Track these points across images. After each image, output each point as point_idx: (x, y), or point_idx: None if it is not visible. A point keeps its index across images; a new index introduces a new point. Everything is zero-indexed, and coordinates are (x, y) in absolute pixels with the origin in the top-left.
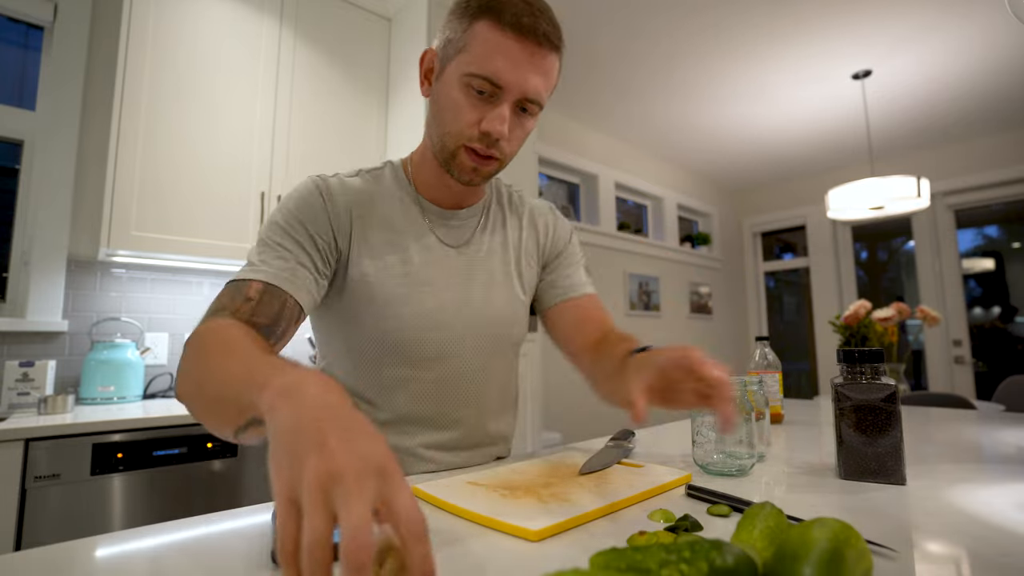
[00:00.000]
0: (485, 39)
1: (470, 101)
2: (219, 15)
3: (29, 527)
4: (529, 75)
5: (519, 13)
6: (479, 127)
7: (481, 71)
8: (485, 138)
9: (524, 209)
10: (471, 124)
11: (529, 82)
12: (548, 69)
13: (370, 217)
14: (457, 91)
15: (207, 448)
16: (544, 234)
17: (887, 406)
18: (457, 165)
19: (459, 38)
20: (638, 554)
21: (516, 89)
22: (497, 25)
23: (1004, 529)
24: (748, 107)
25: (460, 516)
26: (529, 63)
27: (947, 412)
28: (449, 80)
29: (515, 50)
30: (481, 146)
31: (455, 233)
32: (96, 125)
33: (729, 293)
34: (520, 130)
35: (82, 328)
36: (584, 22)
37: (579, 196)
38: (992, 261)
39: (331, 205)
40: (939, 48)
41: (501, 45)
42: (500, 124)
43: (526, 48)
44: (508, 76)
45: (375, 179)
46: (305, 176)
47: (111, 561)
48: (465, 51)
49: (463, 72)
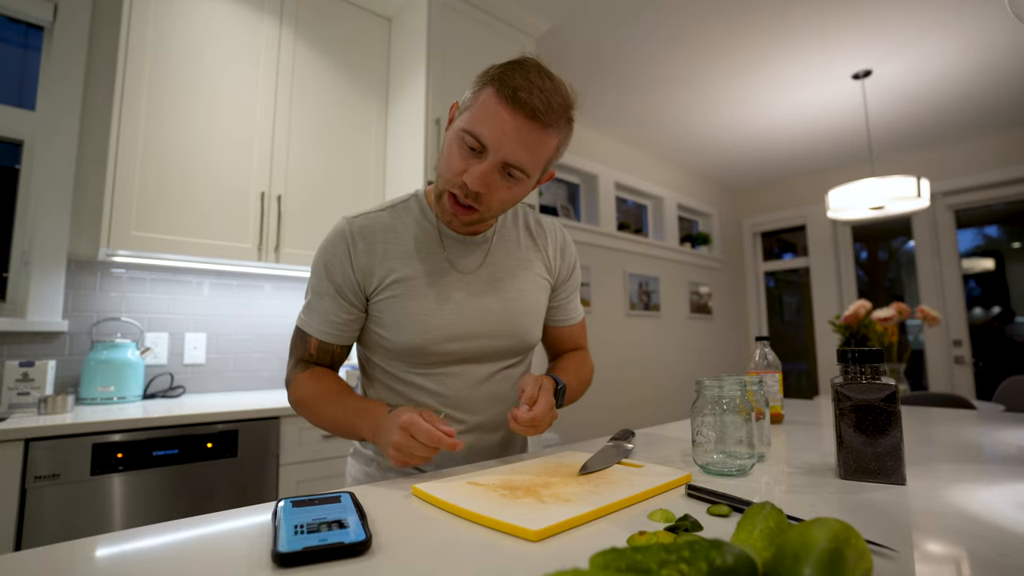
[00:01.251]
0: (484, 103)
1: (461, 153)
2: (219, 15)
3: (29, 527)
4: (512, 144)
5: (518, 87)
6: (460, 176)
7: (471, 129)
8: (464, 188)
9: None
10: (457, 173)
11: (511, 149)
12: (534, 143)
13: (395, 246)
14: (454, 142)
15: (207, 448)
16: (556, 257)
17: (887, 406)
18: (441, 207)
19: (470, 98)
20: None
21: (498, 153)
22: (497, 94)
23: (1004, 529)
24: (748, 107)
25: (460, 516)
26: (515, 133)
27: (947, 412)
28: (452, 132)
29: (504, 119)
30: (460, 194)
31: (469, 259)
32: (96, 125)
33: (729, 293)
34: (506, 192)
35: (82, 328)
36: (585, 22)
37: (579, 196)
38: (992, 261)
39: (354, 251)
40: (939, 48)
41: (494, 111)
42: (476, 179)
43: (515, 119)
44: (491, 139)
45: (404, 210)
46: (305, 175)
47: (111, 561)
48: (469, 110)
49: (461, 127)
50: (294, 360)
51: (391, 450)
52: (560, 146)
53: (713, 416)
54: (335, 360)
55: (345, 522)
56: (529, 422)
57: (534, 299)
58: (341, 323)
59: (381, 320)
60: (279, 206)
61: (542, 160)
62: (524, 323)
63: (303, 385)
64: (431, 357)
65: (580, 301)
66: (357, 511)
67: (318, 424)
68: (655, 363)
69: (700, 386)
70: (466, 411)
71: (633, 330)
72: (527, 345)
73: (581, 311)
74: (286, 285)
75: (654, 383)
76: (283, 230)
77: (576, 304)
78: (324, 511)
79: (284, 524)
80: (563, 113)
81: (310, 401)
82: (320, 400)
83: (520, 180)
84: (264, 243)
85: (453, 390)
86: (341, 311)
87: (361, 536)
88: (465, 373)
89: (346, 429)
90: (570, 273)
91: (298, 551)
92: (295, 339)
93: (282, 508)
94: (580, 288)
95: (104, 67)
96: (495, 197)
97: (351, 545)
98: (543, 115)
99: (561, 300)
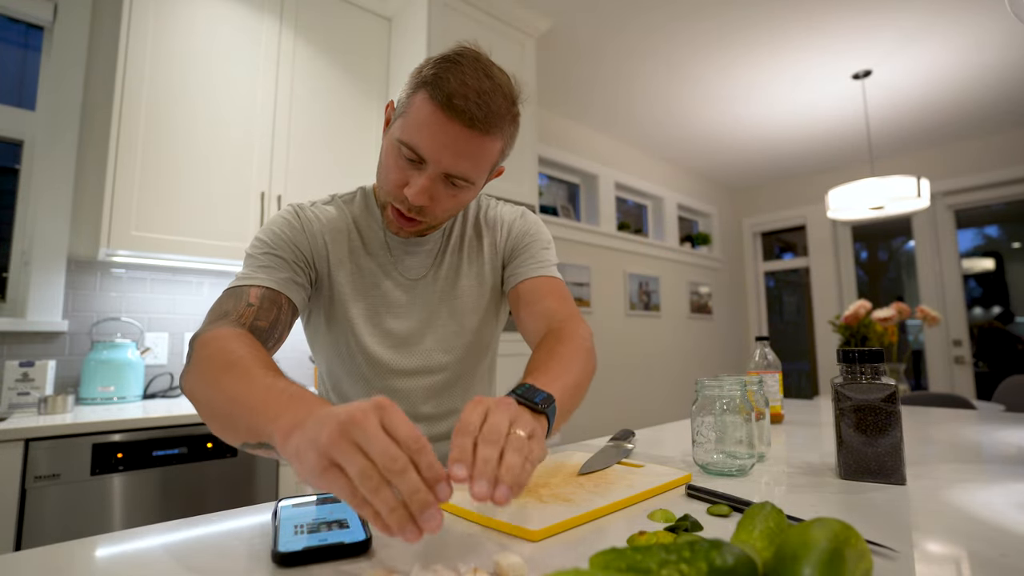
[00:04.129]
0: (419, 109)
1: (399, 164)
2: (219, 15)
3: (29, 527)
4: (451, 156)
5: (453, 94)
6: (401, 190)
7: (408, 140)
8: (406, 202)
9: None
10: (397, 186)
11: (451, 162)
12: (475, 152)
13: (343, 243)
14: (391, 152)
15: (207, 448)
16: (504, 237)
17: (887, 406)
18: (386, 217)
19: (404, 102)
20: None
21: (437, 166)
22: (431, 100)
23: (1004, 529)
24: (748, 107)
25: (460, 516)
26: (453, 145)
27: (947, 412)
28: (389, 138)
29: (442, 128)
30: (403, 208)
31: (416, 263)
32: (96, 125)
33: (729, 293)
34: (450, 200)
35: (82, 328)
36: (585, 22)
37: (579, 196)
38: (992, 261)
39: (308, 229)
40: (939, 48)
41: (430, 119)
42: (418, 194)
43: (452, 128)
44: (430, 151)
45: (348, 205)
46: (305, 175)
47: (111, 561)
48: (404, 116)
49: (396, 136)
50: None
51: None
52: (505, 148)
53: (713, 416)
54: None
55: (345, 522)
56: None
57: (478, 292)
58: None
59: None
60: (279, 206)
61: (486, 167)
62: (470, 320)
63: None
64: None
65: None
66: None
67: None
68: (655, 363)
69: (700, 386)
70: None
71: (633, 330)
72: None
73: (548, 271)
74: None
75: (654, 383)
76: None
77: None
78: (324, 511)
79: (284, 524)
80: (505, 115)
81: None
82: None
83: (464, 188)
84: None
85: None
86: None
87: (361, 536)
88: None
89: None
90: (524, 233)
91: (298, 551)
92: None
93: (282, 508)
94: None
95: (104, 67)
96: (439, 207)
97: (351, 545)
98: (482, 123)
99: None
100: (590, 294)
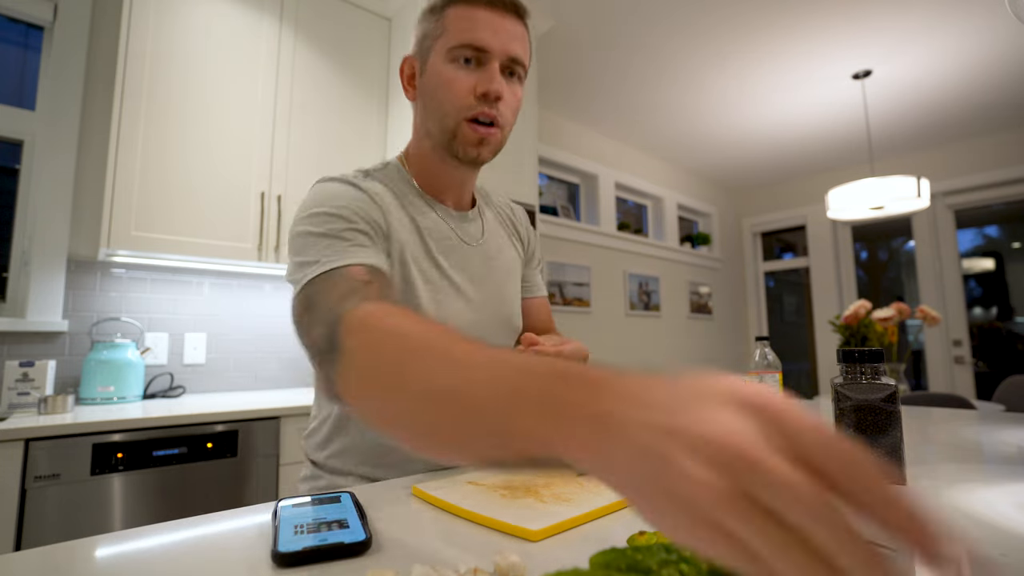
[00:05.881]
0: (460, 17)
1: (461, 72)
2: (219, 15)
3: (29, 527)
4: (509, 38)
5: None
6: (475, 92)
7: (465, 41)
8: (484, 100)
9: (508, 211)
10: (467, 92)
11: (511, 44)
12: (522, 35)
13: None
14: (446, 69)
15: (207, 448)
16: (526, 235)
17: (887, 406)
18: (461, 141)
19: (435, 27)
20: (638, 554)
21: (500, 51)
22: (470, 4)
23: (1004, 529)
24: (748, 107)
25: (460, 516)
26: (506, 30)
27: (947, 412)
28: (435, 65)
29: (491, 19)
30: (482, 111)
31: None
32: (96, 125)
33: (729, 293)
34: (512, 97)
35: (82, 328)
36: (585, 22)
37: (579, 196)
38: (992, 261)
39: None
40: (939, 48)
41: (477, 17)
42: (494, 83)
43: (499, 16)
44: (491, 40)
45: (386, 177)
46: (305, 176)
47: (111, 561)
48: (444, 35)
49: (448, 48)
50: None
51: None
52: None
53: None
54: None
55: (345, 522)
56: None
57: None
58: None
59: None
60: (279, 206)
61: (529, 53)
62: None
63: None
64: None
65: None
66: (357, 511)
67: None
68: (655, 363)
69: None
70: None
71: (633, 330)
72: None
73: (544, 289)
74: (286, 285)
75: None
76: (283, 230)
77: (539, 278)
78: (324, 511)
79: (284, 524)
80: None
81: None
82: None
83: (520, 79)
84: (264, 243)
85: None
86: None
87: (361, 536)
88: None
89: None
90: (535, 246)
91: (298, 551)
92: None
93: (282, 508)
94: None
95: (104, 67)
96: (508, 106)
97: (351, 545)
98: (518, 7)
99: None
100: (590, 294)
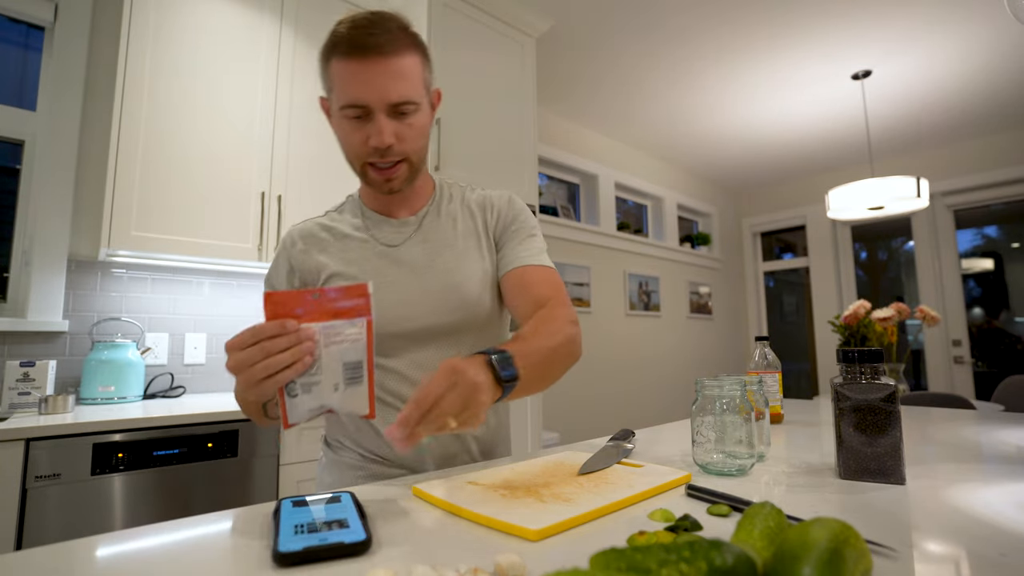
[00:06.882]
0: (339, 74)
1: (352, 126)
2: (219, 15)
3: (29, 527)
4: (384, 85)
5: (354, 38)
6: (367, 144)
7: (346, 101)
8: (376, 152)
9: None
10: (361, 144)
11: (387, 91)
12: (400, 71)
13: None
14: (341, 124)
15: (207, 448)
16: (493, 215)
17: (887, 406)
18: (370, 181)
19: (327, 81)
20: (638, 554)
21: (379, 102)
22: (342, 58)
23: (1004, 529)
24: (748, 107)
25: (460, 516)
26: (379, 76)
27: (947, 412)
28: (335, 116)
29: (362, 70)
30: (377, 159)
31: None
32: (97, 125)
33: (729, 293)
34: (409, 129)
35: (82, 328)
36: (585, 22)
37: (579, 196)
38: (991, 261)
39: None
40: (939, 48)
41: (350, 72)
42: (380, 136)
43: (371, 64)
44: (368, 96)
45: (339, 213)
46: (305, 176)
47: (111, 561)
48: (333, 91)
49: (337, 108)
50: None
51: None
52: (424, 62)
53: (713, 416)
54: None
55: (345, 522)
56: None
57: (477, 266)
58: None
59: None
60: (279, 206)
61: (419, 83)
62: (469, 288)
63: None
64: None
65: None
66: (357, 511)
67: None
68: (655, 363)
69: (700, 386)
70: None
71: (633, 330)
72: (477, 314)
73: (540, 259)
74: None
75: (654, 383)
76: (283, 230)
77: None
78: (324, 511)
79: (284, 524)
80: (403, 33)
81: None
82: None
83: (414, 111)
84: (264, 243)
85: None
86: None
87: (361, 536)
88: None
89: None
90: (513, 219)
91: (298, 551)
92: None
93: (282, 508)
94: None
95: (104, 67)
96: (404, 142)
97: (351, 545)
98: (389, 45)
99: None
100: (590, 294)
